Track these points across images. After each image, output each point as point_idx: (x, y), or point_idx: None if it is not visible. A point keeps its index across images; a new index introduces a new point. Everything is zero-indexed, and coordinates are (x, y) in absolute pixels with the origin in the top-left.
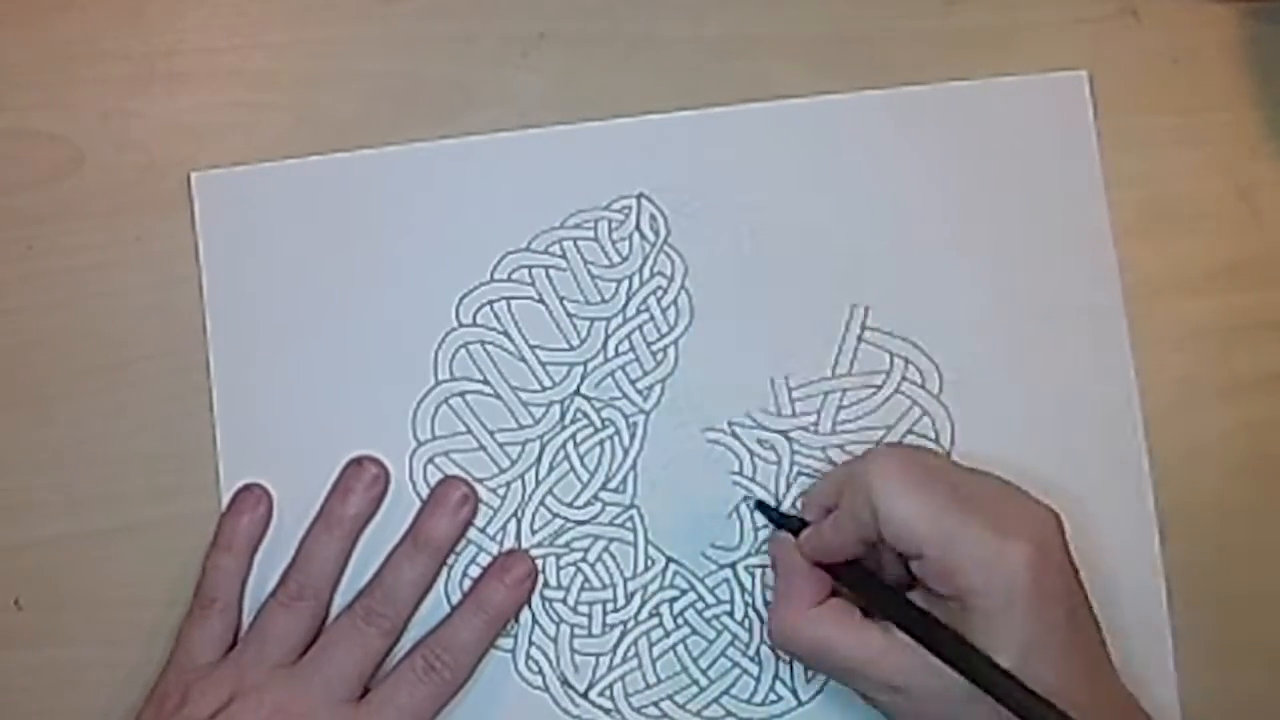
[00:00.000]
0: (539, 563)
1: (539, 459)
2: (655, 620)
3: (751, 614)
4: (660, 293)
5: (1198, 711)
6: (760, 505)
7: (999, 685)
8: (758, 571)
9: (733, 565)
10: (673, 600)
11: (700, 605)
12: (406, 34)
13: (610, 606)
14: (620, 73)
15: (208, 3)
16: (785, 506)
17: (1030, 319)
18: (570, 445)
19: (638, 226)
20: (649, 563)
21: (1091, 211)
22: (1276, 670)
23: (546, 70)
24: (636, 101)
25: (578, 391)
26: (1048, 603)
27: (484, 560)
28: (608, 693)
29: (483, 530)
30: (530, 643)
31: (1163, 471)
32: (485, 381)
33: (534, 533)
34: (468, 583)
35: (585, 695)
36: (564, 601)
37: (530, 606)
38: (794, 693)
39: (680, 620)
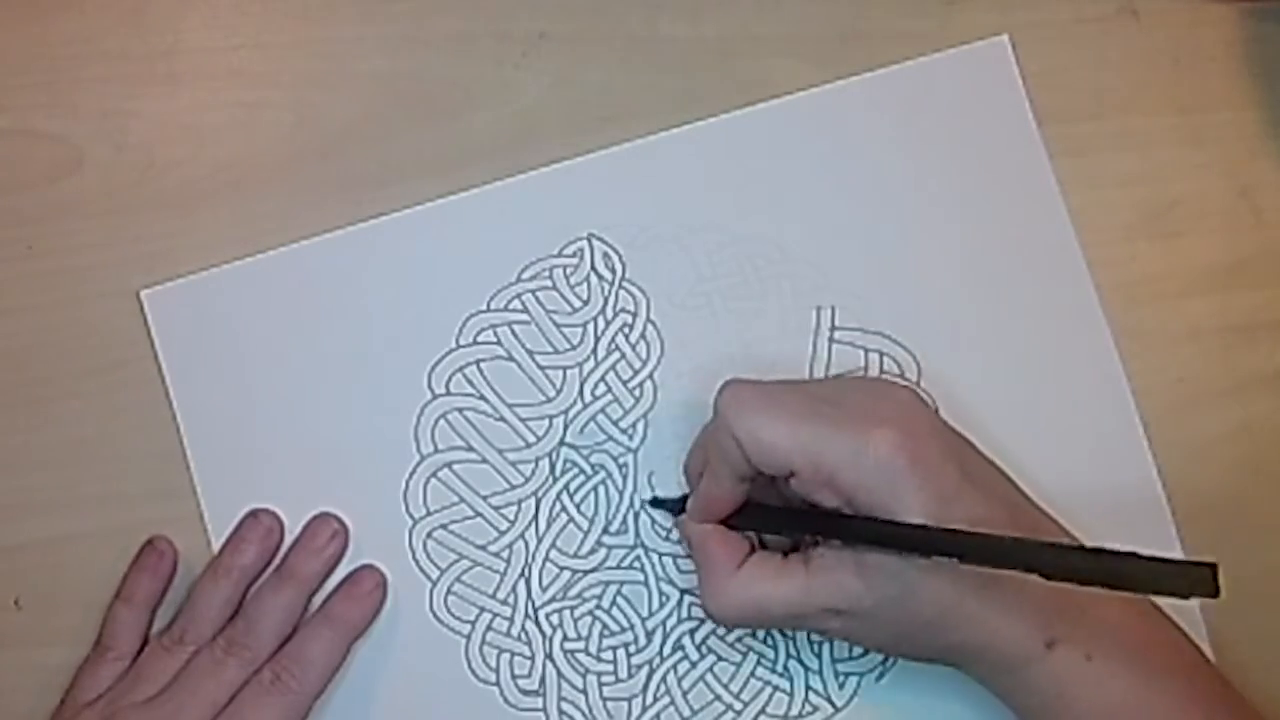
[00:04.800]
0: (555, 617)
1: (536, 515)
2: (679, 654)
3: (774, 630)
4: (627, 329)
5: None
6: (652, 502)
7: (922, 541)
8: None
9: None
10: (693, 630)
11: (721, 630)
12: (406, 34)
13: (633, 648)
14: (620, 73)
15: (208, 3)
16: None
17: (996, 287)
18: (565, 497)
19: (593, 267)
20: (663, 598)
21: (1035, 171)
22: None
23: (546, 70)
24: (636, 101)
25: (563, 442)
26: (932, 472)
27: (500, 626)
28: None
29: (493, 595)
30: (560, 697)
31: (1163, 471)
32: (470, 448)
33: (544, 589)
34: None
35: None
36: (586, 651)
37: (554, 662)
38: (829, 700)
39: (704, 649)
